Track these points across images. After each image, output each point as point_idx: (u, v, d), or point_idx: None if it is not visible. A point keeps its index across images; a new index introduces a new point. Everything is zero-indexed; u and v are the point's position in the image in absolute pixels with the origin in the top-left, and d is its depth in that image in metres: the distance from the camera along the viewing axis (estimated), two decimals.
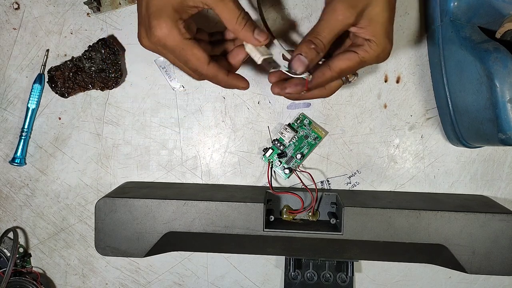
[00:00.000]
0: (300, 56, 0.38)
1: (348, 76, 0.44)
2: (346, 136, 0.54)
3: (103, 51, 0.51)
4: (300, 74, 0.39)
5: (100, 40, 0.51)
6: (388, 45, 0.39)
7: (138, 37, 0.39)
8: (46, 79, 0.53)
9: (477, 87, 0.43)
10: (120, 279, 0.57)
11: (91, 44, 0.51)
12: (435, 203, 0.49)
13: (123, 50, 0.54)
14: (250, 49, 0.41)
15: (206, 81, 0.53)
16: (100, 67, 0.51)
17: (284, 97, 0.45)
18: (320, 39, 0.38)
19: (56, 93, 0.52)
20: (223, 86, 0.42)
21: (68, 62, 0.52)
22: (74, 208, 0.56)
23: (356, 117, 0.53)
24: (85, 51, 0.51)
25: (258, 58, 0.40)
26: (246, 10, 0.38)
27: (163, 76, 0.53)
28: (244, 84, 0.42)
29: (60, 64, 0.52)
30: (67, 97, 0.53)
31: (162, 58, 0.53)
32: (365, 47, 0.38)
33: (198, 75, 0.40)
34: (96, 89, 0.53)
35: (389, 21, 0.38)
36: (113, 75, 0.52)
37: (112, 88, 0.53)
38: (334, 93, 0.44)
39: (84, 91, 0.53)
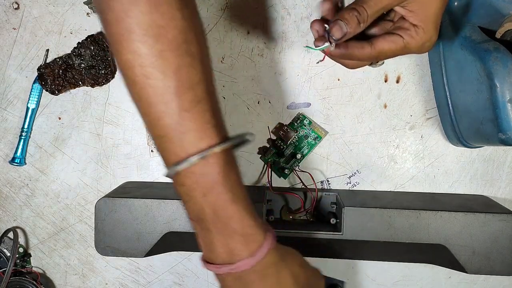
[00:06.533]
0: (340, 22, 0.35)
1: None
2: (346, 136, 0.53)
3: (92, 47, 0.51)
4: (336, 41, 0.36)
5: (89, 36, 0.51)
6: (435, 35, 0.36)
7: None
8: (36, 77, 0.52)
9: (477, 87, 0.42)
10: (120, 279, 0.57)
11: (80, 41, 0.51)
12: (435, 203, 0.49)
13: None
14: None
15: None
16: (90, 63, 0.51)
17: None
18: (365, 8, 0.35)
19: (47, 90, 0.52)
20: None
21: (58, 60, 0.51)
22: (74, 208, 0.56)
23: (356, 117, 0.53)
24: (74, 48, 0.51)
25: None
26: None
27: None
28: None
29: (50, 62, 0.52)
30: (57, 94, 0.53)
31: None
32: (411, 32, 0.36)
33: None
34: (87, 86, 0.52)
35: (440, 10, 0.36)
36: (103, 72, 0.51)
37: (103, 84, 0.52)
38: (357, 68, 0.41)
39: (74, 88, 0.53)
